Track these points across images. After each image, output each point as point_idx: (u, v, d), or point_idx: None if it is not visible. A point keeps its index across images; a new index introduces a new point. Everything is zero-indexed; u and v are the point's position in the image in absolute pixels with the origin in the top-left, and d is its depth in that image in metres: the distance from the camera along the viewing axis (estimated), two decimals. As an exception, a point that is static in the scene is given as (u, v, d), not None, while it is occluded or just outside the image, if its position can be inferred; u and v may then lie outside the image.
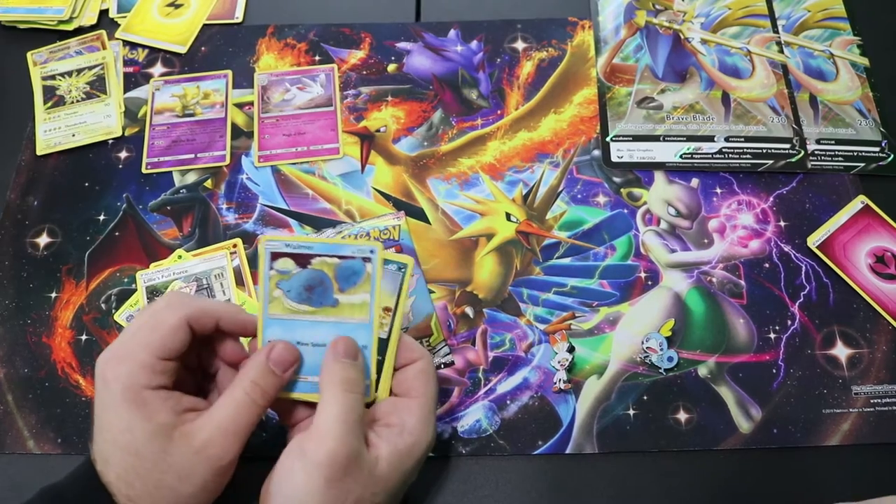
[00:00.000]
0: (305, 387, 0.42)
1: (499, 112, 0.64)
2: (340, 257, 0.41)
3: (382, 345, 0.43)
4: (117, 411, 0.38)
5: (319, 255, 0.41)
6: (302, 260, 0.41)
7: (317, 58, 0.67)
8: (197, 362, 0.44)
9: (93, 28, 0.69)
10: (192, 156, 0.62)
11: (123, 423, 0.38)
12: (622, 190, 0.60)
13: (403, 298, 0.43)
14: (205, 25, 0.69)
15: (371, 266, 0.41)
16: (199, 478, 0.38)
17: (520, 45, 0.68)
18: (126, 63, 0.67)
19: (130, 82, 0.66)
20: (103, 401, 0.39)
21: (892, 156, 0.61)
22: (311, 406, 0.42)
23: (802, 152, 0.61)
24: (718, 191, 0.60)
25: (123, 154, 0.62)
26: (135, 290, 0.55)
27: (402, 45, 0.68)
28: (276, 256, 0.41)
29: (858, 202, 0.59)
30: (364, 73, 0.66)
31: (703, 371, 0.52)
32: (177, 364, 0.41)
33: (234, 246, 0.57)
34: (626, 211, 0.59)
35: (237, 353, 0.43)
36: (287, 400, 0.43)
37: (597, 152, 0.62)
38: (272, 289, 0.41)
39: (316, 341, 0.42)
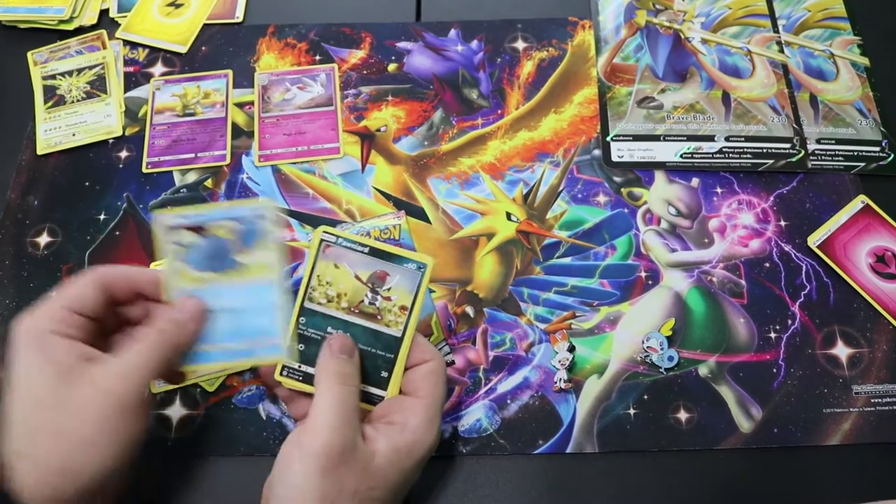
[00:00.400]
0: (224, 356, 0.42)
1: (499, 112, 0.64)
2: (235, 219, 0.42)
3: (395, 343, 0.43)
4: (19, 359, 0.37)
5: (215, 222, 0.42)
6: (198, 229, 0.42)
7: (317, 57, 0.67)
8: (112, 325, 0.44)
9: (93, 28, 0.69)
10: (193, 155, 0.62)
11: (25, 368, 0.37)
12: (622, 189, 0.60)
13: (420, 298, 0.43)
14: (205, 25, 0.69)
15: (267, 223, 0.42)
16: (100, 415, 0.37)
17: (520, 44, 0.68)
18: (126, 63, 0.67)
19: (131, 82, 0.66)
20: (12, 354, 0.38)
21: (892, 155, 0.61)
22: None
23: (803, 152, 0.61)
24: (719, 190, 0.60)
25: (124, 153, 0.62)
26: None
27: (402, 44, 0.68)
28: (172, 230, 0.42)
29: (859, 202, 0.59)
30: (364, 72, 0.66)
31: (703, 370, 0.52)
32: (88, 323, 0.40)
33: (235, 245, 0.57)
34: (626, 210, 0.59)
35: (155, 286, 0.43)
36: (294, 393, 0.44)
37: (597, 152, 0.62)
38: (174, 262, 0.42)
39: (227, 306, 0.42)
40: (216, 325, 0.42)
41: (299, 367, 0.43)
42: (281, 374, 0.43)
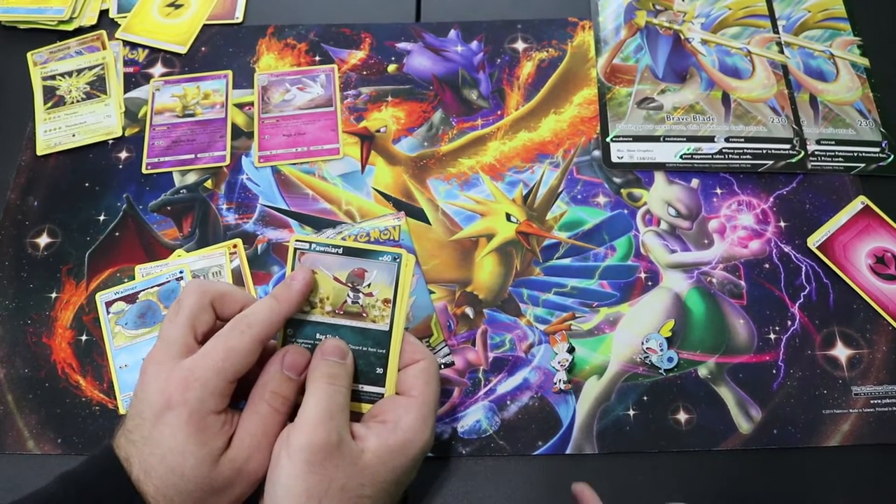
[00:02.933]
0: None
1: (499, 112, 0.64)
2: (159, 285, 0.54)
3: (385, 338, 0.43)
4: (175, 433, 0.38)
5: (143, 290, 0.54)
6: (130, 298, 0.54)
7: (317, 58, 0.67)
8: None
9: (93, 28, 0.69)
10: (193, 156, 0.62)
11: (179, 445, 0.38)
12: (622, 190, 0.60)
13: (402, 290, 0.43)
14: (205, 25, 0.69)
15: (184, 281, 0.54)
16: (236, 492, 0.40)
17: (520, 45, 0.68)
18: (126, 63, 0.67)
19: (130, 82, 0.66)
20: (161, 417, 0.38)
21: (892, 156, 0.61)
22: None
23: (802, 153, 0.61)
24: (718, 191, 0.60)
25: (123, 154, 0.62)
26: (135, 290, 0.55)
27: (402, 45, 0.68)
28: (109, 304, 0.54)
29: (858, 203, 0.59)
30: (364, 73, 0.66)
31: (703, 371, 0.52)
32: (232, 386, 0.41)
33: (235, 246, 0.57)
34: (626, 211, 0.59)
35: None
36: None
37: (597, 153, 0.62)
38: (113, 328, 0.53)
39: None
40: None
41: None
42: None
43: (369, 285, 0.44)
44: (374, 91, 0.65)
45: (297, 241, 0.44)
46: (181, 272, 0.55)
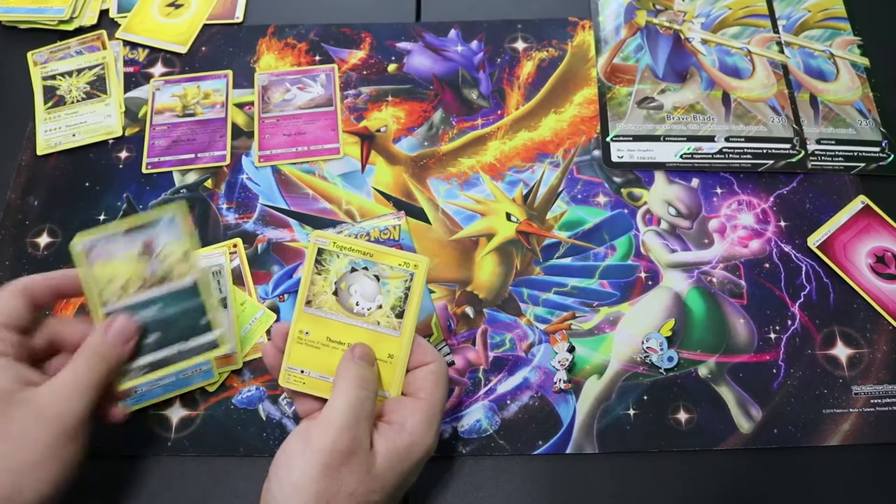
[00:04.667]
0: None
1: (499, 112, 0.64)
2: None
3: (191, 291, 0.45)
4: None
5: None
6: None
7: (317, 58, 0.67)
8: (40, 351, 0.44)
9: (93, 28, 0.69)
10: (193, 156, 0.62)
11: None
12: (622, 190, 0.60)
13: (414, 299, 0.43)
14: (205, 25, 0.69)
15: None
16: (41, 442, 0.38)
17: (520, 45, 0.68)
18: (126, 63, 0.67)
19: (131, 82, 0.66)
20: None
21: (892, 156, 0.61)
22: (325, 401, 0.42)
23: (803, 152, 0.61)
24: (719, 191, 0.60)
25: (124, 154, 0.62)
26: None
27: (402, 45, 0.68)
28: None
29: (859, 202, 0.59)
30: (364, 73, 0.66)
31: (703, 371, 0.52)
32: (17, 337, 0.41)
33: (235, 246, 0.57)
34: (626, 211, 0.59)
35: (84, 331, 0.44)
36: (301, 392, 0.44)
37: (597, 152, 0.62)
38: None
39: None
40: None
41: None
42: (287, 380, 0.44)
43: (160, 251, 0.44)
44: (374, 91, 0.65)
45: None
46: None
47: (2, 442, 0.37)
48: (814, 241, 0.57)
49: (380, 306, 0.43)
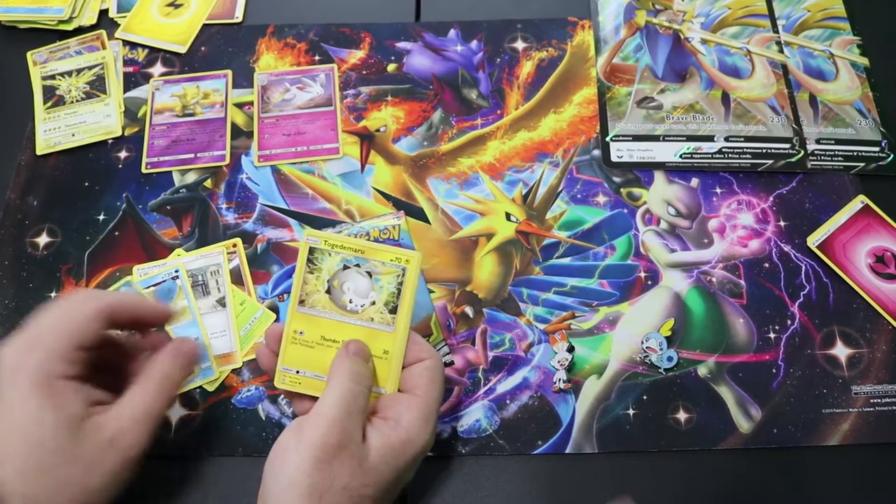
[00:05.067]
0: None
1: (499, 112, 0.64)
2: (154, 285, 0.54)
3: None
4: (24, 402, 0.36)
5: (139, 291, 0.53)
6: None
7: (317, 58, 0.67)
8: (107, 362, 0.44)
9: (93, 28, 0.69)
10: (192, 155, 0.62)
11: (31, 413, 0.36)
12: (622, 190, 0.60)
13: (407, 293, 0.43)
14: (205, 25, 0.69)
15: (180, 281, 0.54)
16: (108, 469, 0.38)
17: (520, 44, 0.68)
18: (126, 63, 0.67)
19: (130, 82, 0.66)
20: (8, 394, 0.37)
21: (891, 156, 0.61)
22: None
23: (802, 152, 0.61)
24: (718, 191, 0.60)
25: (123, 154, 0.62)
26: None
27: (402, 44, 0.68)
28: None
29: (858, 202, 0.59)
30: (364, 72, 0.66)
31: (702, 371, 0.52)
32: (89, 356, 0.40)
33: (234, 245, 0.57)
34: (625, 211, 0.59)
35: (162, 340, 0.44)
36: (298, 392, 0.44)
37: (597, 152, 0.62)
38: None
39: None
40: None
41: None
42: (282, 381, 0.44)
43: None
44: (373, 90, 0.65)
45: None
46: (176, 271, 0.55)
47: (71, 466, 0.37)
48: (813, 240, 0.57)
49: (373, 302, 0.43)
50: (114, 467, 0.38)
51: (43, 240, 0.58)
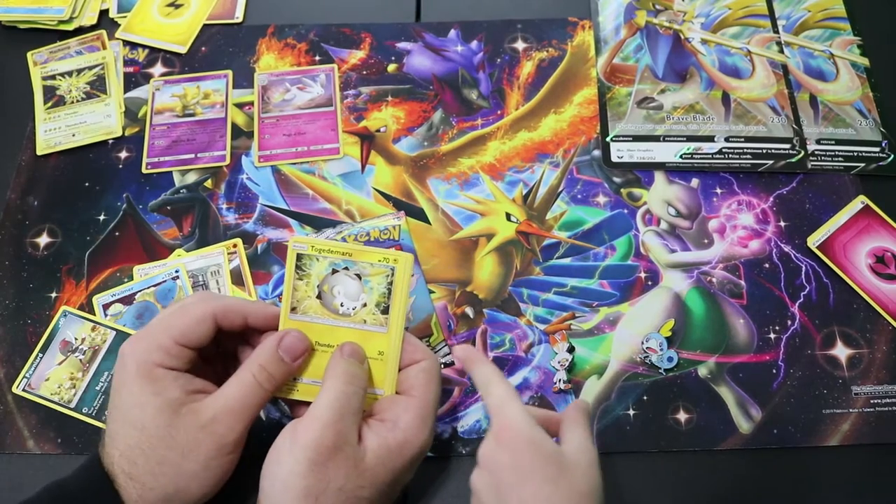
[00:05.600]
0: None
1: (499, 112, 0.64)
2: (155, 285, 0.54)
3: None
4: (129, 387, 0.39)
5: (140, 291, 0.54)
6: (128, 299, 0.54)
7: (317, 58, 0.67)
8: (222, 364, 0.45)
9: (93, 28, 0.69)
10: (193, 156, 0.62)
11: (134, 398, 0.39)
12: (622, 190, 0.60)
13: (401, 290, 0.43)
14: (205, 25, 0.69)
15: (181, 281, 0.54)
16: (202, 454, 0.39)
17: (520, 45, 0.68)
18: (126, 63, 0.67)
19: (130, 82, 0.66)
20: (119, 378, 0.40)
21: (892, 156, 0.61)
22: None
23: (802, 152, 0.61)
24: (718, 191, 0.60)
25: (123, 154, 0.62)
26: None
27: (402, 45, 0.68)
28: (107, 306, 0.53)
29: (858, 202, 0.59)
30: (364, 73, 0.66)
31: (703, 371, 0.52)
32: (195, 354, 0.42)
33: (234, 246, 0.57)
34: (626, 211, 0.59)
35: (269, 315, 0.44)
36: (294, 399, 0.44)
37: (597, 152, 0.62)
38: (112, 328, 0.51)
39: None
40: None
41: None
42: (279, 390, 0.43)
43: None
44: (374, 91, 0.65)
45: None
46: (177, 271, 0.55)
47: (169, 449, 0.38)
48: (814, 241, 0.57)
49: (364, 304, 0.43)
50: (208, 452, 0.39)
51: (43, 240, 0.58)
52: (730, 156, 0.61)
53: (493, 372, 0.43)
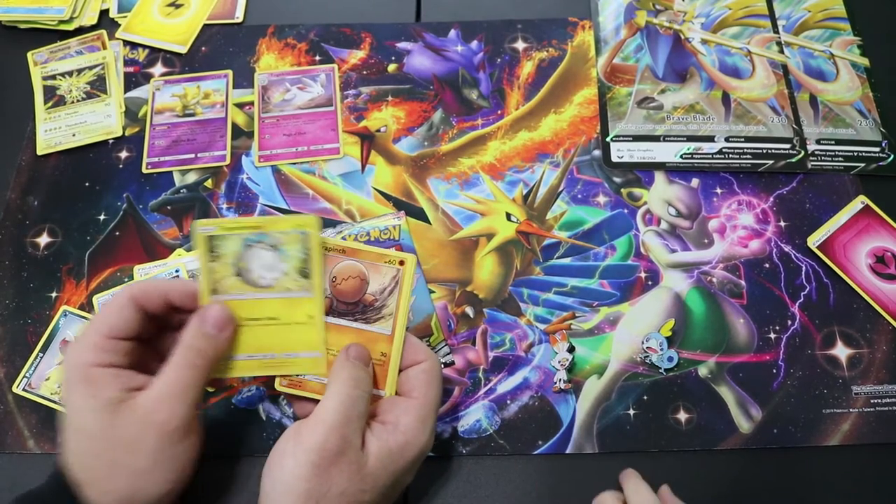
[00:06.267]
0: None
1: (499, 112, 0.64)
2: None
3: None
4: (70, 393, 0.39)
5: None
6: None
7: (317, 58, 0.67)
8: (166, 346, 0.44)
9: (93, 28, 0.69)
10: (193, 155, 0.62)
11: (75, 403, 0.38)
12: (622, 190, 0.60)
13: (404, 291, 0.43)
14: (205, 25, 0.69)
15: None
16: (149, 448, 0.38)
17: (520, 45, 0.68)
18: (126, 63, 0.67)
19: (131, 82, 0.66)
20: (63, 386, 0.40)
21: (892, 156, 0.61)
22: None
23: (802, 152, 0.61)
24: (718, 191, 0.60)
25: (124, 154, 0.62)
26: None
27: (402, 45, 0.68)
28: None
29: (858, 202, 0.59)
30: (364, 73, 0.66)
31: (703, 371, 0.52)
32: (131, 345, 0.41)
33: (235, 246, 0.57)
34: (626, 211, 0.59)
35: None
36: (299, 395, 0.43)
37: (597, 152, 0.62)
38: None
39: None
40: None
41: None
42: (281, 384, 0.43)
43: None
44: (374, 91, 0.65)
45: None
46: (177, 271, 0.55)
47: (116, 449, 0.38)
48: (814, 241, 0.57)
49: (285, 273, 0.43)
50: (154, 444, 0.38)
51: (43, 240, 0.58)
52: (730, 156, 0.61)
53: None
